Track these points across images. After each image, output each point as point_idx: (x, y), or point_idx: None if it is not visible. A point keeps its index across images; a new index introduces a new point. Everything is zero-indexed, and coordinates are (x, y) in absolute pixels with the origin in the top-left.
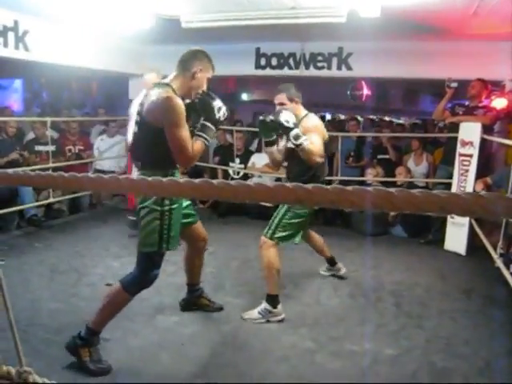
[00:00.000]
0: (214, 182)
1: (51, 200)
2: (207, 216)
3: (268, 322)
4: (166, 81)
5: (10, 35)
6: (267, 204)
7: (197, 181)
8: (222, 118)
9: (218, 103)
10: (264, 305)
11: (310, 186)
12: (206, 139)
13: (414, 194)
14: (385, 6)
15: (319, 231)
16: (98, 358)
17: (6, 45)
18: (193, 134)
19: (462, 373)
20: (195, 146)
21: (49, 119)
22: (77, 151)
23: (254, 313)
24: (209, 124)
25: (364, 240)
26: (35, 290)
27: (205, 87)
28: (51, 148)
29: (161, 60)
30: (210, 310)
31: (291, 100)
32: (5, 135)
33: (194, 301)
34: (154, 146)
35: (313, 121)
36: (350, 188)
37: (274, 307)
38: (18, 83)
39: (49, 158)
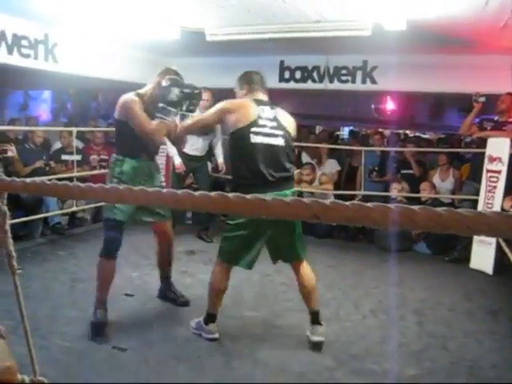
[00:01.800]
0: (230, 195)
1: (75, 208)
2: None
3: (200, 336)
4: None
5: (40, 48)
6: None
7: (212, 194)
8: (175, 99)
9: (175, 89)
10: (201, 318)
11: (328, 201)
12: (162, 118)
13: (439, 213)
14: (410, 19)
15: (341, 246)
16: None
17: (36, 57)
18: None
19: None
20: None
21: (74, 129)
22: (101, 161)
23: (194, 322)
24: (165, 105)
25: (387, 256)
26: (56, 297)
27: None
28: (77, 157)
29: (185, 72)
30: (177, 303)
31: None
32: (32, 145)
33: (165, 292)
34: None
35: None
36: (370, 204)
37: (206, 324)
38: (46, 94)
39: (74, 167)
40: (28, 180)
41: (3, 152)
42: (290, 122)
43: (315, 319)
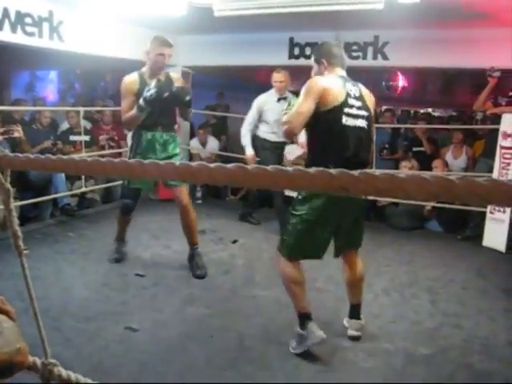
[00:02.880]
0: (249, 167)
1: (84, 189)
2: (238, 208)
3: (307, 351)
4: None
5: (45, 26)
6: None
7: (230, 166)
8: (146, 95)
9: (150, 86)
10: (296, 329)
11: (356, 172)
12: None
13: (479, 183)
14: None
15: None
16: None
17: (40, 35)
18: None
19: (502, 375)
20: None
21: (82, 109)
22: (111, 141)
23: (293, 343)
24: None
25: (398, 234)
26: (67, 278)
27: (160, 63)
28: (85, 138)
29: (193, 50)
30: (193, 274)
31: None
32: (39, 125)
33: (188, 259)
34: None
35: None
36: (403, 175)
37: (304, 326)
38: (53, 74)
39: (82, 147)
40: (32, 156)
41: (9, 133)
42: (371, 101)
43: (356, 313)
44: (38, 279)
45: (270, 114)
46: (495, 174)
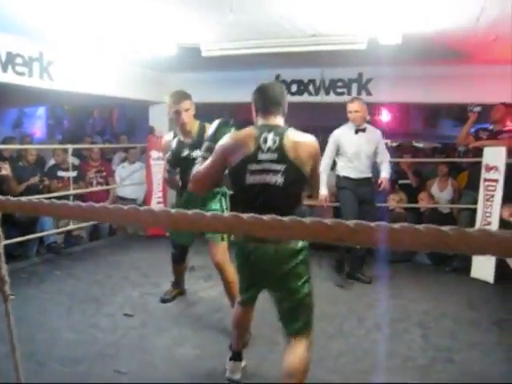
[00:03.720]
0: (245, 216)
1: (71, 227)
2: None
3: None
4: None
5: (35, 65)
6: None
7: (226, 215)
8: (166, 156)
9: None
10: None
11: (352, 222)
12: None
13: (472, 234)
14: (406, 33)
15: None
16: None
17: (31, 75)
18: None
19: None
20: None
21: (70, 146)
22: (99, 177)
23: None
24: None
25: (387, 267)
26: (54, 320)
27: (178, 120)
28: (72, 174)
29: (182, 87)
30: None
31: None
32: (25, 162)
33: None
34: None
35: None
36: (398, 226)
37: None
38: (41, 111)
39: (70, 183)
40: (24, 199)
41: None
42: (303, 150)
43: None
44: (23, 321)
45: (347, 148)
46: (479, 206)
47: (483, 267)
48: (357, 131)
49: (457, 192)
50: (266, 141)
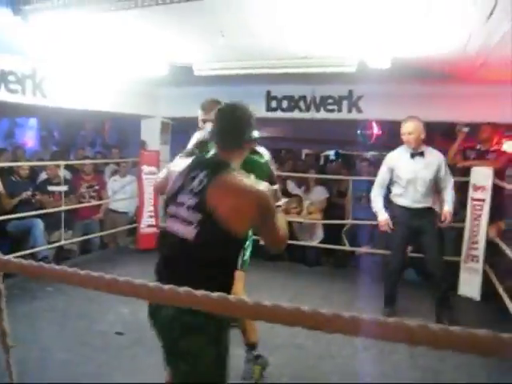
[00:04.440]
0: (231, 298)
1: (63, 242)
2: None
3: None
4: None
5: (28, 83)
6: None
7: (214, 295)
8: None
9: None
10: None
11: (330, 312)
12: None
13: (480, 336)
14: (395, 57)
15: (330, 274)
16: None
17: (23, 92)
18: None
19: None
20: None
21: (62, 163)
22: (92, 191)
23: None
24: None
25: (376, 284)
26: (45, 338)
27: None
28: (63, 188)
29: (173, 101)
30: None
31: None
32: (17, 177)
33: None
34: None
35: None
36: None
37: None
38: (33, 121)
39: (61, 198)
40: (25, 262)
41: None
42: (233, 201)
43: None
44: (15, 340)
45: (402, 174)
46: (467, 225)
47: (470, 285)
48: (413, 155)
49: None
50: (193, 179)
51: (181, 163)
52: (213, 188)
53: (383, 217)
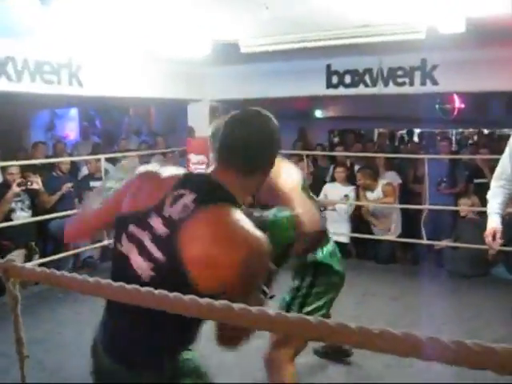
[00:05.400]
0: (235, 306)
1: (107, 242)
2: None
3: None
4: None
5: (64, 72)
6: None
7: (217, 303)
8: None
9: None
10: None
11: (333, 322)
12: None
13: (471, 349)
14: (470, 18)
15: (405, 272)
16: None
17: (59, 82)
18: None
19: None
20: None
21: (102, 156)
22: None
23: None
24: None
25: (459, 282)
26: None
27: None
28: None
29: (221, 82)
30: None
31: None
32: (59, 172)
33: None
34: None
35: None
36: (376, 330)
37: None
38: (74, 111)
39: None
40: (39, 269)
41: (27, 184)
42: (208, 249)
43: None
44: (60, 346)
45: None
46: None
47: None
48: None
49: None
50: (176, 200)
51: (167, 169)
52: (193, 221)
53: (491, 224)
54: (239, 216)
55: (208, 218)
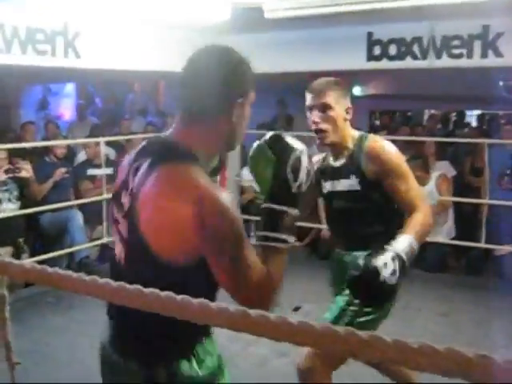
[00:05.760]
0: (252, 313)
1: (106, 240)
2: (305, 257)
3: None
4: None
5: (59, 40)
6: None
7: (232, 308)
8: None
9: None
10: None
11: (365, 334)
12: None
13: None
14: None
15: (457, 283)
16: None
17: (53, 53)
18: None
19: None
20: None
21: (102, 139)
22: None
23: None
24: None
25: None
26: (84, 359)
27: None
28: (106, 171)
29: (244, 53)
30: None
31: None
32: (53, 157)
33: None
34: None
35: None
36: (415, 344)
37: None
38: (70, 87)
39: (103, 183)
40: (29, 265)
41: (16, 171)
42: (166, 199)
43: None
44: (48, 357)
45: None
46: None
47: None
48: None
49: None
50: (136, 170)
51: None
52: (145, 186)
53: None
54: (194, 171)
55: (157, 177)
